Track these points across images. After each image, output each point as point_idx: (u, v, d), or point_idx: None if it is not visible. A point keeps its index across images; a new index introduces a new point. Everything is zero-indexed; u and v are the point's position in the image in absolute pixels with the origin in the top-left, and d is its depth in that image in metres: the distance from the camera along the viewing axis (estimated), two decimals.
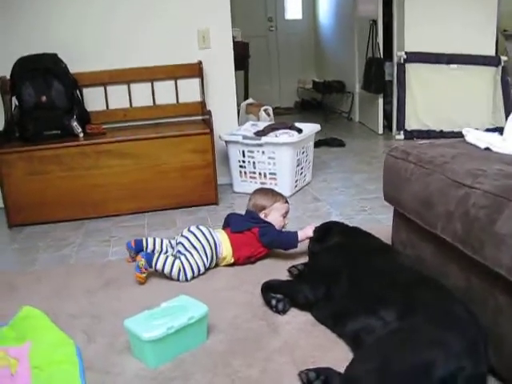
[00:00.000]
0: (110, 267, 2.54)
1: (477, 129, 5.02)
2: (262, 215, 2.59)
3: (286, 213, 2.67)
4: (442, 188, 1.73)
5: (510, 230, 1.42)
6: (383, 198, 2.26)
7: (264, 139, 3.43)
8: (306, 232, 2.48)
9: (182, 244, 2.42)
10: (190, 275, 2.35)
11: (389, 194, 2.16)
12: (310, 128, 3.72)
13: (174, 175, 3.31)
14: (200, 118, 3.69)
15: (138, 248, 2.53)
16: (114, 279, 2.40)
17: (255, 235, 2.49)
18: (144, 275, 2.33)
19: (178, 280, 2.34)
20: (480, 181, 1.59)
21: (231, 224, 2.58)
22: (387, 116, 5.47)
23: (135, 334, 1.74)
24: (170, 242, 2.55)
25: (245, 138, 3.49)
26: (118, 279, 2.40)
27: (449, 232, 1.68)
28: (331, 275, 2.01)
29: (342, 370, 1.65)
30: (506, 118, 4.98)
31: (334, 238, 2.28)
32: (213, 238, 2.45)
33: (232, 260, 2.48)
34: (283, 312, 2.05)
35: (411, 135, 5.11)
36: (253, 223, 2.54)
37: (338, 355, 1.78)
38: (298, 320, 2.01)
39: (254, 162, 3.54)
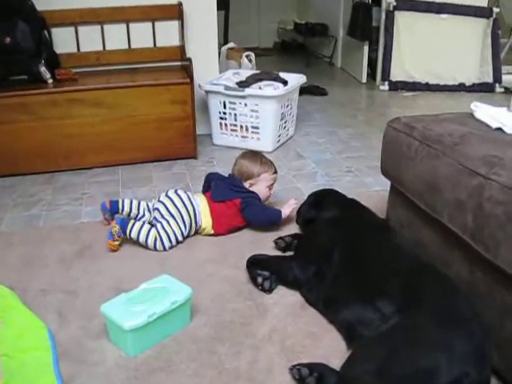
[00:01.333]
0: (84, 231, 2.37)
1: (463, 83, 4.95)
2: (246, 184, 2.43)
3: (273, 184, 2.51)
4: (451, 174, 1.60)
5: None
6: (380, 170, 2.12)
7: (247, 91, 3.23)
8: (285, 212, 2.37)
9: (159, 210, 2.26)
10: (167, 244, 2.20)
11: (387, 169, 2.02)
12: (296, 79, 3.51)
13: (151, 127, 3.10)
14: (179, 63, 3.44)
15: (113, 210, 2.36)
16: (89, 246, 2.24)
17: (237, 206, 2.33)
18: (117, 243, 2.19)
19: (155, 249, 2.19)
20: (497, 171, 1.46)
21: (212, 191, 2.41)
22: (371, 65, 5.27)
23: (115, 323, 1.60)
24: (147, 205, 2.39)
25: (227, 88, 3.27)
26: (94, 246, 2.24)
27: (457, 223, 1.56)
28: (323, 253, 1.90)
29: (334, 361, 1.58)
30: (494, 74, 4.89)
31: (329, 208, 2.15)
32: (192, 206, 2.29)
33: (212, 231, 2.33)
34: (269, 291, 1.94)
35: (396, 86, 4.95)
36: (236, 192, 2.37)
37: (329, 345, 1.69)
38: (287, 301, 1.90)
39: (235, 114, 3.34)
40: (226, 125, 3.40)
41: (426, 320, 1.47)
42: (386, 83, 4.95)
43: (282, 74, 3.54)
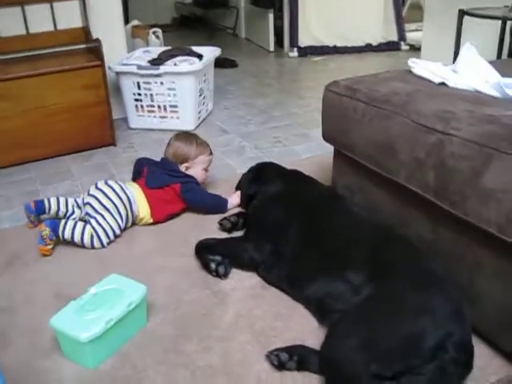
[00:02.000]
0: (8, 238, 2.15)
1: (369, 44, 4.99)
2: (183, 168, 2.29)
3: (209, 165, 2.41)
4: (406, 133, 1.55)
5: (500, 184, 1.28)
6: (321, 136, 2.04)
7: (162, 69, 3.06)
8: (232, 201, 2.29)
9: (90, 205, 2.09)
10: (105, 240, 2.04)
11: (330, 135, 1.95)
12: (210, 52, 3.38)
13: (64, 117, 2.87)
14: (83, 46, 3.20)
15: (39, 210, 2.16)
16: (18, 254, 2.03)
17: (176, 192, 2.20)
18: (49, 247, 2.00)
19: (93, 247, 2.03)
20: (454, 126, 1.42)
21: (147, 178, 2.24)
22: (277, 32, 5.20)
23: (69, 336, 1.44)
24: (75, 202, 2.20)
25: (140, 67, 3.08)
26: (23, 253, 2.03)
27: (417, 182, 1.53)
28: (277, 230, 1.82)
29: (309, 340, 1.52)
30: (398, 33, 4.96)
31: (272, 182, 2.07)
32: (126, 195, 2.13)
33: (151, 220, 2.18)
34: (225, 276, 1.84)
35: (305, 52, 4.93)
36: (173, 178, 2.23)
37: (300, 324, 1.63)
38: (245, 284, 1.81)
39: (151, 95, 3.17)
40: (142, 106, 3.22)
41: (401, 286, 1.43)
42: (295, 50, 4.92)
43: (195, 48, 3.38)
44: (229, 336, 1.58)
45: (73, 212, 2.17)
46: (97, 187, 2.13)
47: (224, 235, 2.08)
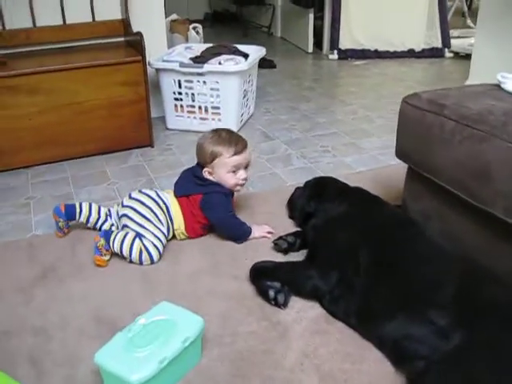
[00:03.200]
0: (40, 247, 1.96)
1: (412, 49, 4.77)
2: (205, 174, 1.97)
3: (239, 167, 1.96)
4: (505, 158, 1.34)
5: None
6: (395, 153, 1.83)
7: (206, 67, 2.86)
8: (260, 232, 1.98)
9: (128, 216, 1.89)
10: (156, 256, 1.84)
11: (406, 152, 1.74)
12: (256, 52, 3.17)
13: (99, 114, 2.68)
14: (122, 39, 3.01)
15: (69, 215, 1.97)
16: (53, 266, 1.84)
17: (198, 204, 1.94)
18: (106, 258, 1.83)
19: (141, 263, 1.83)
20: None
21: (175, 184, 2.03)
22: (316, 33, 4.99)
23: (117, 376, 1.24)
24: (109, 211, 2.01)
25: (182, 65, 2.89)
26: (58, 266, 1.84)
27: None
28: (346, 256, 1.62)
29: None
30: (442, 39, 4.73)
31: (334, 200, 1.86)
32: (162, 201, 1.93)
33: (186, 233, 1.97)
34: (284, 305, 1.64)
35: (345, 55, 4.72)
36: (198, 186, 1.96)
37: (374, 367, 1.42)
38: (308, 316, 1.60)
39: (192, 94, 2.97)
40: (181, 106, 3.02)
41: (501, 333, 1.22)
42: (335, 52, 4.71)
43: (240, 47, 3.18)
44: (293, 379, 1.38)
45: (105, 220, 1.99)
46: (131, 197, 1.93)
47: (279, 256, 1.87)
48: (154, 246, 1.83)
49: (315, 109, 3.46)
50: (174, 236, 1.98)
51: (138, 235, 1.83)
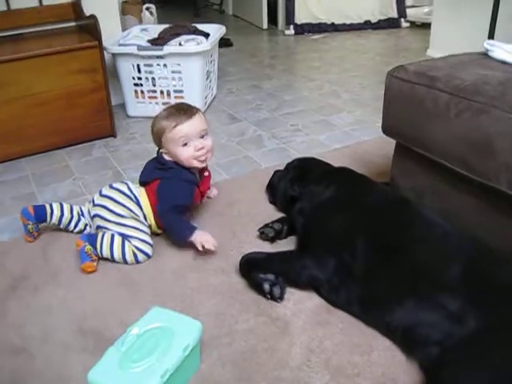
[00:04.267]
0: (10, 254, 1.80)
1: (368, 21, 4.70)
2: (163, 156, 1.80)
3: (189, 137, 1.73)
4: (508, 130, 1.27)
5: None
6: (381, 129, 1.75)
7: (166, 49, 2.71)
8: (200, 238, 1.69)
9: (100, 216, 1.75)
10: (150, 251, 1.73)
11: (395, 128, 1.66)
12: (216, 30, 3.03)
13: (56, 105, 2.51)
14: (73, 24, 2.82)
15: (39, 217, 1.81)
16: (24, 275, 1.69)
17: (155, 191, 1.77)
18: (95, 263, 1.68)
19: (138, 263, 1.71)
20: None
21: (141, 172, 1.88)
22: (270, 8, 4.85)
23: None
24: (80, 209, 1.86)
25: (140, 48, 2.73)
26: (30, 274, 1.69)
27: None
28: (341, 242, 1.53)
29: (401, 377, 1.26)
30: (398, 9, 4.67)
31: (320, 182, 1.77)
32: (132, 193, 1.78)
33: (156, 228, 1.82)
34: (281, 298, 1.55)
35: (302, 29, 4.62)
36: (157, 170, 1.80)
37: (385, 356, 1.36)
38: (306, 307, 1.52)
39: (153, 78, 2.82)
40: (142, 92, 2.87)
41: None
42: (292, 27, 4.60)
43: (199, 26, 3.03)
44: (303, 377, 1.30)
45: (79, 220, 1.84)
46: (102, 195, 1.79)
47: (266, 245, 1.78)
48: (144, 242, 1.72)
49: (279, 86, 3.36)
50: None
51: (124, 236, 1.70)
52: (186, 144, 1.75)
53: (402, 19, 4.75)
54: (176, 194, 1.74)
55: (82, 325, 1.47)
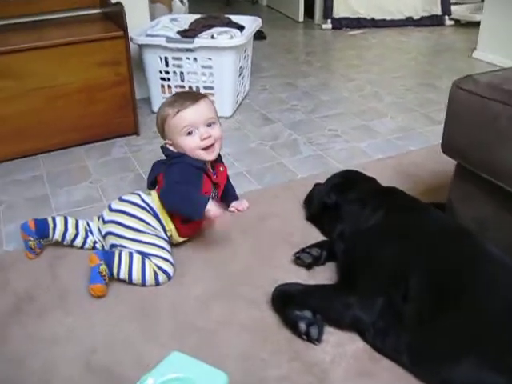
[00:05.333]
0: (13, 268, 1.62)
1: (410, 17, 4.43)
2: (169, 146, 1.66)
3: (194, 125, 1.58)
4: None
5: None
6: (441, 148, 1.51)
7: (198, 42, 2.50)
8: (216, 209, 1.50)
9: (116, 234, 1.55)
10: (171, 271, 1.54)
11: (458, 147, 1.43)
12: (251, 23, 2.81)
13: (76, 99, 2.32)
14: (99, 11, 2.62)
15: (40, 232, 1.61)
16: (29, 294, 1.51)
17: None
18: (107, 286, 1.49)
19: (158, 285, 1.52)
20: None
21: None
22: (307, 0, 4.61)
23: None
24: (88, 225, 1.66)
25: (169, 40, 2.52)
26: (36, 294, 1.51)
27: None
28: (391, 278, 1.32)
29: None
30: (442, 5, 4.40)
31: (363, 203, 1.56)
32: (146, 203, 1.58)
33: (178, 237, 1.63)
34: (318, 340, 1.33)
35: (340, 24, 4.36)
36: (161, 164, 1.66)
37: None
38: (348, 353, 1.31)
39: (181, 73, 2.61)
40: (169, 87, 2.67)
41: None
42: (329, 21, 4.35)
43: (233, 18, 2.82)
44: None
45: (86, 236, 1.64)
46: (111, 209, 1.59)
47: (302, 271, 1.57)
48: (166, 260, 1.53)
49: (316, 85, 3.13)
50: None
51: (143, 254, 1.50)
52: (190, 133, 1.59)
53: (447, 17, 4.47)
54: (180, 173, 1.56)
55: (90, 360, 1.28)
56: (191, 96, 1.63)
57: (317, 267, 1.59)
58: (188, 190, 1.52)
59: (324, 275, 1.55)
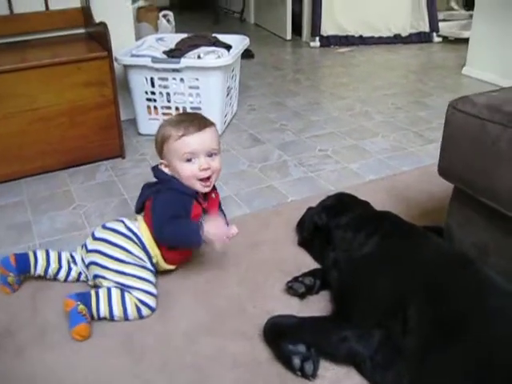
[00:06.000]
0: None
1: (399, 34, 4.41)
2: (161, 167, 1.57)
3: (196, 153, 1.51)
4: None
5: None
6: (438, 171, 1.46)
7: (184, 62, 2.44)
8: (209, 228, 1.44)
9: (98, 264, 1.47)
10: (154, 304, 1.46)
11: (456, 171, 1.38)
12: (239, 42, 2.77)
13: (59, 122, 2.25)
14: (83, 31, 2.57)
15: (22, 268, 1.53)
16: (8, 330, 1.42)
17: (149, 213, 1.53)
18: (90, 326, 1.40)
19: (141, 318, 1.44)
20: None
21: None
22: (295, 18, 4.59)
23: None
24: (71, 257, 1.57)
25: (155, 60, 2.46)
26: (15, 329, 1.42)
27: None
28: (389, 310, 1.26)
29: None
30: (430, 22, 4.39)
31: (357, 228, 1.51)
32: (130, 231, 1.51)
33: (165, 264, 1.55)
34: (313, 376, 1.26)
35: (328, 42, 4.35)
36: (150, 187, 1.57)
37: None
38: None
39: (168, 94, 2.55)
40: (155, 108, 2.61)
41: None
42: (317, 39, 4.34)
43: (220, 37, 2.77)
44: None
45: (69, 269, 1.56)
46: (95, 238, 1.52)
47: (294, 301, 1.50)
48: (148, 293, 1.45)
49: (305, 104, 3.08)
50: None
51: (123, 287, 1.43)
52: (189, 160, 1.51)
53: (434, 33, 4.46)
54: (170, 205, 1.48)
55: None
56: (198, 121, 1.54)
57: (310, 296, 1.52)
58: (179, 224, 1.46)
59: (318, 305, 1.49)
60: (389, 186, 2.11)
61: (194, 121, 1.53)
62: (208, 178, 1.54)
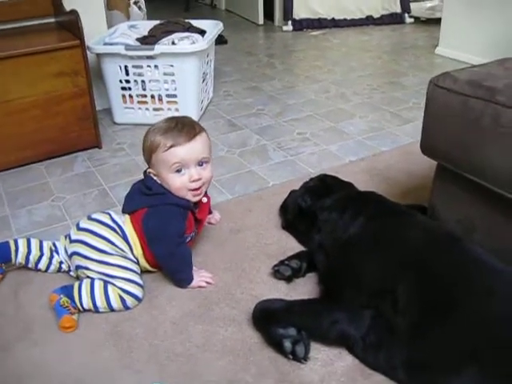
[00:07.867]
0: None
1: (371, 16, 4.41)
2: (150, 176, 1.51)
3: (186, 164, 1.45)
4: None
5: None
6: (420, 148, 1.46)
7: (158, 48, 2.40)
8: (198, 281, 1.50)
9: (80, 254, 1.45)
10: (140, 293, 1.44)
11: (439, 148, 1.38)
12: (213, 27, 2.73)
13: (33, 113, 2.20)
14: (53, 20, 2.51)
15: (3, 256, 1.52)
16: None
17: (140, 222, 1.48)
18: (75, 316, 1.38)
19: (127, 309, 1.42)
20: None
21: (126, 196, 1.59)
22: (266, 3, 4.55)
23: None
24: (54, 245, 1.55)
25: (129, 48, 2.42)
26: (0, 329, 1.40)
27: None
28: (378, 290, 1.26)
29: None
30: (401, 3, 4.40)
31: (342, 209, 1.50)
32: (116, 223, 1.49)
33: (146, 264, 1.52)
34: (305, 359, 1.26)
35: (300, 25, 4.33)
36: (142, 195, 1.51)
37: None
38: (337, 370, 1.25)
39: (142, 81, 2.51)
40: (130, 96, 2.56)
41: None
42: (290, 23, 4.32)
43: (193, 22, 2.73)
44: None
45: (51, 256, 1.53)
46: (79, 228, 1.49)
47: (282, 285, 1.50)
48: (132, 282, 1.43)
49: (281, 88, 3.07)
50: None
51: (107, 277, 1.41)
52: (179, 171, 1.46)
53: (406, 14, 4.47)
54: (166, 226, 1.45)
55: None
56: (187, 129, 1.46)
57: (297, 279, 1.52)
58: (178, 268, 1.51)
59: (305, 288, 1.49)
60: (369, 167, 2.11)
61: (183, 129, 1.45)
62: (199, 188, 1.50)
